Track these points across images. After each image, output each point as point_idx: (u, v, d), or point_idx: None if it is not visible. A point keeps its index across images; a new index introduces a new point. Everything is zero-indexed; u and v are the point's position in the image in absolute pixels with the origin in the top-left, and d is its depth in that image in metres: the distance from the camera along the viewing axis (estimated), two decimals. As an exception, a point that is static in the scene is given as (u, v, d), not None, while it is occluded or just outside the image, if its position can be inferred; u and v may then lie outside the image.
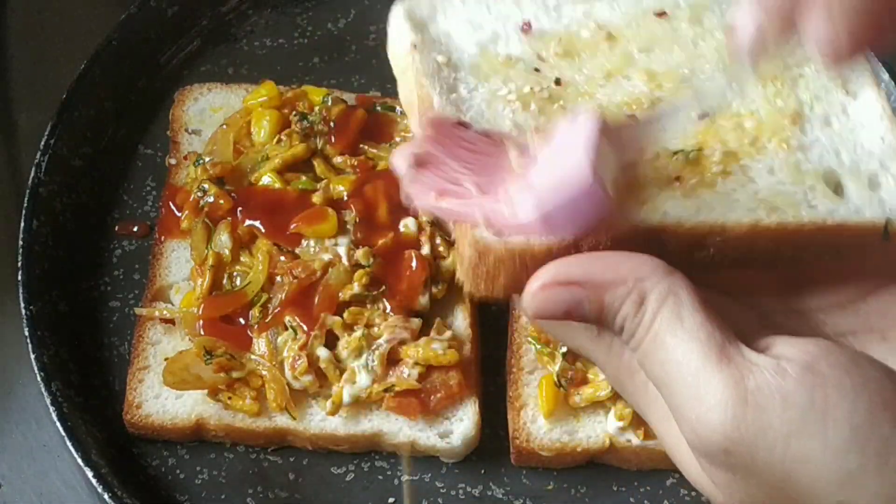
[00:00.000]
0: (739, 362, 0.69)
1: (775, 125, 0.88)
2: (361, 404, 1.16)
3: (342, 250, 1.19)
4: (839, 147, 0.87)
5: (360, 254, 1.19)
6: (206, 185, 1.23)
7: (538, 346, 1.18)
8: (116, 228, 1.30)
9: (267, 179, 1.24)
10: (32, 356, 1.15)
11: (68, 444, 1.11)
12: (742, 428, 0.67)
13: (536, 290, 0.72)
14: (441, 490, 1.17)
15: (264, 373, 1.16)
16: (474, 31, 0.91)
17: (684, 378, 0.69)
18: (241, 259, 1.21)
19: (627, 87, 0.88)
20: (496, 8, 0.93)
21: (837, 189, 0.85)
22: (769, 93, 0.90)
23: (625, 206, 0.78)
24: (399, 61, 0.90)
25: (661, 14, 0.93)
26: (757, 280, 0.83)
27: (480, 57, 0.89)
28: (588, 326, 0.75)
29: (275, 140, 1.27)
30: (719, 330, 0.70)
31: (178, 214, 1.25)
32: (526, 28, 0.91)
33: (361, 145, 1.27)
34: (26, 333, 1.16)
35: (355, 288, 1.17)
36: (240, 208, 1.22)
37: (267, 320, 1.17)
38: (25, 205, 1.22)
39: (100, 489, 1.09)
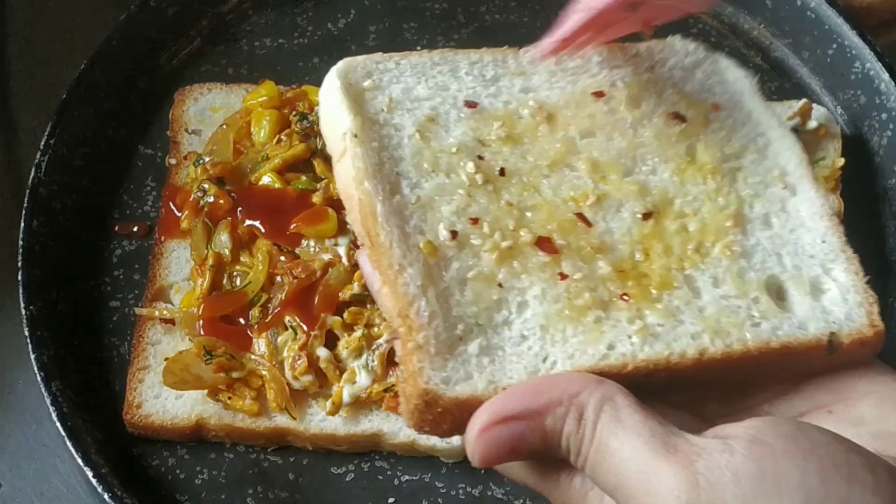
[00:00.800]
0: (685, 449, 0.69)
1: (718, 227, 0.86)
2: (361, 404, 1.16)
3: (342, 250, 1.19)
4: (780, 251, 0.86)
5: (360, 254, 1.19)
6: (206, 185, 1.23)
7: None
8: (116, 228, 1.29)
9: (267, 179, 1.24)
10: (32, 356, 1.15)
11: (68, 444, 1.10)
12: None
13: (477, 435, 0.72)
14: (441, 490, 1.16)
15: (264, 373, 1.15)
16: (413, 108, 0.88)
17: (634, 475, 0.69)
18: (241, 259, 1.21)
19: (572, 179, 0.86)
20: (433, 77, 0.90)
21: (780, 294, 0.84)
22: (710, 189, 0.88)
23: None
24: (335, 143, 0.86)
25: (599, 94, 0.91)
26: (698, 393, 0.82)
27: (422, 142, 0.86)
28: (533, 465, 0.75)
29: (275, 140, 1.27)
30: (660, 424, 0.70)
31: (178, 214, 1.25)
32: (469, 106, 0.89)
33: (361, 145, 1.27)
34: (26, 333, 1.16)
35: (355, 288, 1.17)
36: (240, 208, 1.22)
37: (267, 320, 1.17)
38: (25, 205, 1.22)
39: (100, 489, 1.09)
